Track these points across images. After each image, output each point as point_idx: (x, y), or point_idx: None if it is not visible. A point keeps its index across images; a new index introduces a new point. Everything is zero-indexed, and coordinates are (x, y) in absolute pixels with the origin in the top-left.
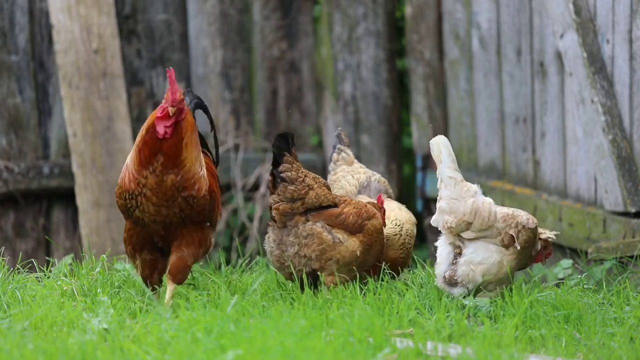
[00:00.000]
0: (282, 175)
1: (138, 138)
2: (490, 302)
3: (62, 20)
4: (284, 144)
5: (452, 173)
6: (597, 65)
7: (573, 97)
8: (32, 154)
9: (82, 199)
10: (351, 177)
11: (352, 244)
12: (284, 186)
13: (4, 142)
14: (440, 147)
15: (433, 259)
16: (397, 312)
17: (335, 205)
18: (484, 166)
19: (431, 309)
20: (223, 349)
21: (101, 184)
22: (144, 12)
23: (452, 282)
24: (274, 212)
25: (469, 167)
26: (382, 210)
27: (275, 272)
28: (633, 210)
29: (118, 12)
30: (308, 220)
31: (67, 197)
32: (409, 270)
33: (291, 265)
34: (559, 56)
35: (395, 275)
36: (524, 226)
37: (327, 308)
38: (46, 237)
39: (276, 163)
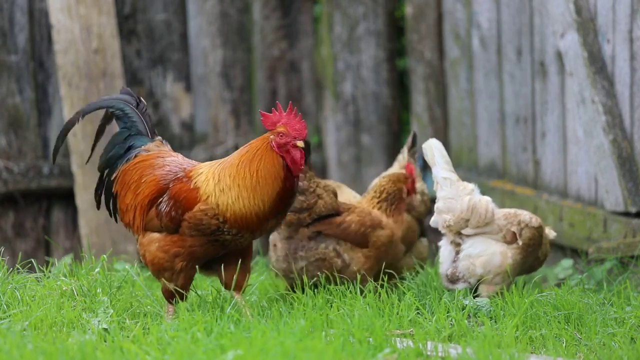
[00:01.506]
0: None
1: (267, 182)
2: (491, 302)
3: (62, 20)
4: None
5: (446, 174)
6: (598, 65)
7: (573, 97)
8: (31, 153)
9: (82, 199)
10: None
11: (357, 263)
12: None
13: (3, 142)
14: (433, 150)
15: (433, 258)
16: (397, 313)
17: (338, 214)
18: (484, 166)
19: (431, 308)
20: (223, 349)
21: None
22: (143, 11)
23: (453, 278)
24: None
25: (469, 167)
26: (411, 180)
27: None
28: (634, 210)
29: (118, 11)
30: (311, 232)
31: (67, 197)
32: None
33: (298, 277)
34: (559, 56)
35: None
36: (526, 224)
37: (327, 308)
38: (46, 237)
39: None
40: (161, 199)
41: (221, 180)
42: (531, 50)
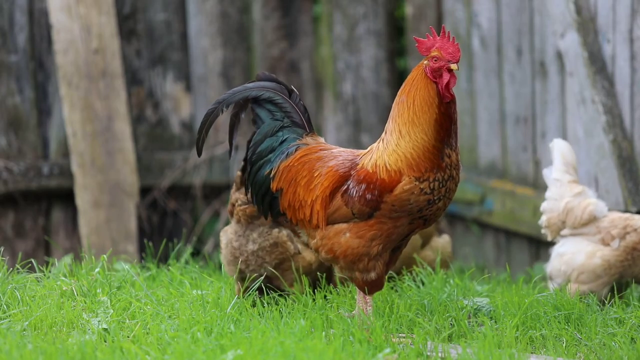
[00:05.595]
0: None
1: (424, 110)
2: (491, 302)
3: (62, 20)
4: None
5: (558, 175)
6: (598, 65)
7: (574, 97)
8: (31, 153)
9: (82, 199)
10: None
11: (309, 255)
12: None
13: (3, 142)
14: (554, 151)
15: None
16: (397, 312)
17: None
18: (484, 166)
19: (431, 308)
20: (223, 349)
21: (101, 184)
22: (143, 11)
23: (550, 276)
24: (239, 213)
25: (470, 167)
26: None
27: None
28: (634, 210)
29: (118, 11)
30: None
31: (66, 197)
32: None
33: (245, 262)
34: (559, 56)
35: None
36: (635, 229)
37: (327, 308)
38: (45, 237)
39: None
40: (346, 186)
41: (388, 136)
42: (531, 50)
